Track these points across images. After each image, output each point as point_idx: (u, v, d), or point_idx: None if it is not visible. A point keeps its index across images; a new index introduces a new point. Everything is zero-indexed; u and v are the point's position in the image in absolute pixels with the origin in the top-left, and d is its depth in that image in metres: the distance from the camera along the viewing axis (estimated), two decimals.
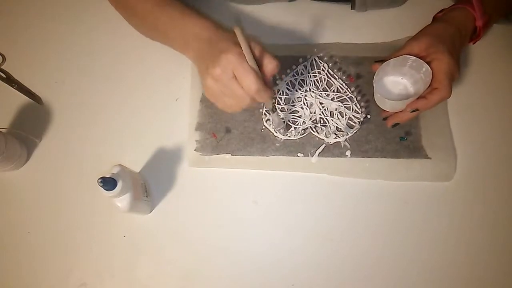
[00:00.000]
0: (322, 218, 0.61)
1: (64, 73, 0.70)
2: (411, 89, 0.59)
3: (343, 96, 0.65)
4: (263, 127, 0.65)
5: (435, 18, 0.63)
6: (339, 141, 0.63)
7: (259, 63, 0.51)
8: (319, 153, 0.63)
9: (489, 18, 0.60)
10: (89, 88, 0.69)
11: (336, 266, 0.59)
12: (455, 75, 0.56)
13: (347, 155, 0.63)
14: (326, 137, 0.63)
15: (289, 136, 0.63)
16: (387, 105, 0.59)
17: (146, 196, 0.60)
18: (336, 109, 0.65)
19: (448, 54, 0.55)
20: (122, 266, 0.60)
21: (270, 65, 0.52)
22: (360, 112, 0.64)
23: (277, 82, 0.66)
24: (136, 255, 0.60)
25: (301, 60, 0.67)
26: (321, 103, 0.65)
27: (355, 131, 0.63)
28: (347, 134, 0.63)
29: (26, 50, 0.72)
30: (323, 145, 0.63)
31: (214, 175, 0.63)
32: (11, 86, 0.68)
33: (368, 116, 0.64)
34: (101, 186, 0.49)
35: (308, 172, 0.63)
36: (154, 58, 0.70)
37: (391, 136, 0.63)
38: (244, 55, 0.50)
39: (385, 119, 0.61)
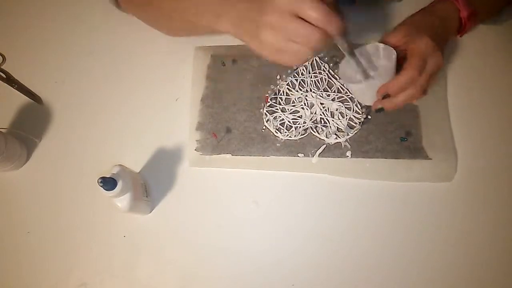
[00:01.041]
0: (322, 218, 0.61)
1: (64, 73, 0.70)
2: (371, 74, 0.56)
3: (343, 97, 0.65)
4: (264, 127, 0.65)
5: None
6: (340, 142, 0.63)
7: None
8: (320, 153, 0.63)
9: (475, 11, 0.59)
10: (89, 88, 0.69)
11: (336, 266, 0.59)
12: (432, 58, 0.53)
13: (348, 156, 0.63)
14: (326, 137, 0.63)
15: (289, 137, 0.63)
16: (357, 94, 0.58)
17: (146, 196, 0.60)
18: (336, 110, 0.65)
19: (426, 38, 0.53)
20: (122, 266, 0.60)
21: None
22: (360, 113, 0.64)
23: (278, 81, 0.66)
24: (136, 255, 0.60)
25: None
26: (321, 104, 0.65)
27: (355, 131, 0.63)
28: (348, 135, 0.63)
29: (26, 50, 0.72)
30: (324, 146, 0.63)
31: (214, 175, 0.63)
32: (11, 86, 0.68)
33: (369, 117, 0.64)
34: (101, 186, 0.49)
35: (308, 172, 0.63)
36: (154, 58, 0.70)
37: (391, 137, 0.63)
38: None
39: (377, 111, 0.57)
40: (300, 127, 0.64)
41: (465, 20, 0.59)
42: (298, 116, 0.65)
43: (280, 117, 0.65)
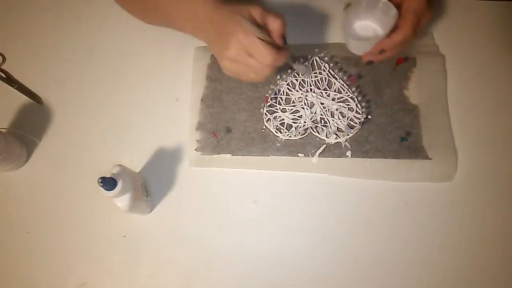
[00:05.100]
0: (323, 218, 0.61)
1: (64, 73, 0.70)
2: (380, 33, 0.60)
3: (344, 97, 0.65)
4: (264, 127, 0.65)
5: None
6: (340, 142, 0.63)
7: (265, 27, 0.53)
8: (320, 153, 0.63)
9: None
10: (89, 88, 0.69)
11: (337, 266, 0.59)
12: (423, 16, 0.57)
13: (348, 156, 0.63)
14: (326, 137, 0.63)
15: (289, 136, 0.63)
16: (352, 45, 0.61)
17: (146, 196, 0.60)
18: (337, 109, 0.65)
19: None
20: (122, 266, 0.60)
21: (275, 24, 0.53)
22: (361, 113, 0.64)
23: (278, 82, 0.66)
24: (136, 255, 0.60)
25: (301, 60, 0.67)
26: (322, 103, 0.65)
27: (355, 131, 0.63)
28: (348, 135, 0.63)
29: (26, 50, 0.72)
30: (324, 145, 0.63)
31: (214, 175, 0.63)
32: (11, 86, 0.68)
33: (369, 117, 0.64)
34: (101, 186, 0.49)
35: (308, 172, 0.63)
36: (154, 58, 0.70)
37: (391, 137, 0.63)
38: (250, 30, 0.51)
39: (368, 64, 0.62)
40: (300, 127, 0.64)
41: None
42: (298, 116, 0.65)
43: (280, 117, 0.65)
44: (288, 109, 0.65)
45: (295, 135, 0.63)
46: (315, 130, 0.64)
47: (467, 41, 0.70)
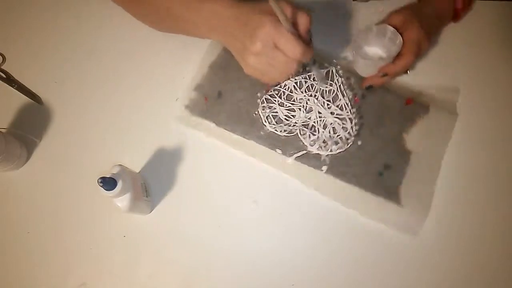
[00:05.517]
0: (323, 218, 0.61)
1: (64, 73, 0.70)
2: (387, 58, 0.62)
3: (343, 115, 0.64)
4: (256, 112, 0.65)
5: None
6: (320, 154, 0.63)
7: (293, 23, 0.52)
8: (297, 157, 0.62)
9: (469, 1, 0.67)
10: (89, 88, 0.69)
11: (337, 266, 0.59)
12: (423, 45, 0.60)
13: (322, 170, 0.62)
14: (310, 145, 0.63)
15: (275, 129, 0.63)
16: (360, 66, 0.63)
17: (146, 196, 0.60)
18: (331, 124, 0.64)
19: (419, 27, 0.60)
20: (122, 266, 0.60)
21: (303, 21, 0.52)
22: (352, 135, 0.63)
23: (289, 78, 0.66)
24: (136, 255, 0.60)
25: (320, 67, 0.66)
26: (319, 112, 0.64)
27: (339, 150, 0.62)
28: (330, 151, 0.62)
29: (26, 50, 0.72)
30: (304, 151, 0.63)
31: (215, 175, 0.63)
32: (11, 86, 0.68)
33: (359, 143, 0.63)
34: (101, 186, 0.49)
35: (281, 171, 0.62)
36: (154, 58, 0.70)
37: (372, 169, 0.61)
38: (279, 22, 0.50)
39: (367, 88, 0.65)
40: (290, 125, 0.64)
41: (459, 12, 0.66)
42: (292, 115, 0.65)
43: (275, 109, 0.65)
44: (286, 105, 0.65)
45: (280, 131, 0.63)
46: (301, 134, 0.64)
47: (467, 41, 0.70)
